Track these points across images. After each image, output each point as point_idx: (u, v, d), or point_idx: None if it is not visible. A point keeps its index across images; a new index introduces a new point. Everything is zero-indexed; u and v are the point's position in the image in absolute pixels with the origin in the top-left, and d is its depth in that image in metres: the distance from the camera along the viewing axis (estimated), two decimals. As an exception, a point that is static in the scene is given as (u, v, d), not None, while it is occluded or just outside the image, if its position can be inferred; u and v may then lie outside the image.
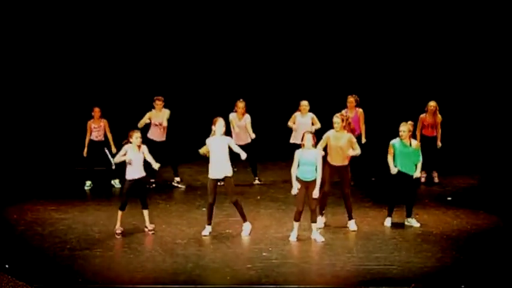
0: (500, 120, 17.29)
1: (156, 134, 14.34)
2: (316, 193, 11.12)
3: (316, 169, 11.11)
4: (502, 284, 9.63)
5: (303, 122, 14.39)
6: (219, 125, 11.43)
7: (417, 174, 11.92)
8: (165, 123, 14.34)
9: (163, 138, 14.48)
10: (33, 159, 16.41)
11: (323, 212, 12.06)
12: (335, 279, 9.79)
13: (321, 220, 11.98)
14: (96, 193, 14.31)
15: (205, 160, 11.64)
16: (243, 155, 11.47)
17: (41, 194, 14.01)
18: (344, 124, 11.66)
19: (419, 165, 11.88)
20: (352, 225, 11.90)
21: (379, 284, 9.52)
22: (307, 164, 11.11)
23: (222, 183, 11.55)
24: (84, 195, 14.16)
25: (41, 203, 13.32)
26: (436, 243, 11.19)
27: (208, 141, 11.49)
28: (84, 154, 14.44)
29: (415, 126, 13.04)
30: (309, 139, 11.15)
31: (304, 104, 14.48)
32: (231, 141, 11.57)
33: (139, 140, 11.57)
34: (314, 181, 11.13)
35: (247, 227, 11.63)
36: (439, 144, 14.54)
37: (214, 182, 11.47)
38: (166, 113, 14.40)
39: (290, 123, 14.53)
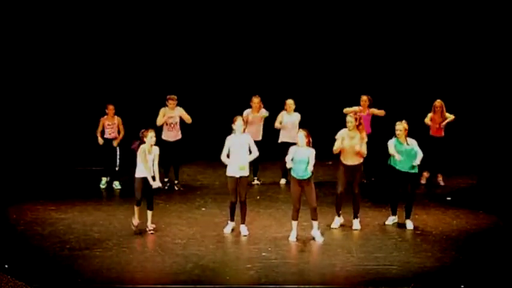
0: (499, 120, 17.26)
1: (170, 135, 14.17)
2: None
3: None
4: (502, 284, 9.64)
5: (290, 120, 14.38)
6: (238, 123, 11.47)
7: (417, 162, 11.79)
8: (188, 120, 14.24)
9: (179, 137, 14.32)
10: (33, 159, 16.40)
11: (340, 212, 12.07)
12: (335, 279, 9.80)
13: (338, 220, 12.06)
14: (96, 193, 14.30)
15: (204, 160, 11.65)
16: (254, 155, 11.56)
17: (41, 194, 14.00)
18: (357, 123, 11.76)
19: (419, 157, 11.80)
20: (356, 224, 11.95)
21: (379, 284, 9.53)
22: (300, 162, 11.12)
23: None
24: (85, 196, 14.08)
25: (41, 203, 13.31)
26: (436, 243, 11.20)
27: (228, 139, 11.50)
28: (100, 142, 14.22)
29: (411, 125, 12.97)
30: (301, 137, 11.18)
31: (290, 102, 14.47)
32: (250, 140, 11.60)
33: (154, 139, 11.53)
34: (308, 179, 11.16)
35: (243, 228, 11.65)
36: (442, 125, 14.43)
37: (233, 180, 11.49)
38: (180, 111, 14.25)
39: (277, 124, 14.46)
